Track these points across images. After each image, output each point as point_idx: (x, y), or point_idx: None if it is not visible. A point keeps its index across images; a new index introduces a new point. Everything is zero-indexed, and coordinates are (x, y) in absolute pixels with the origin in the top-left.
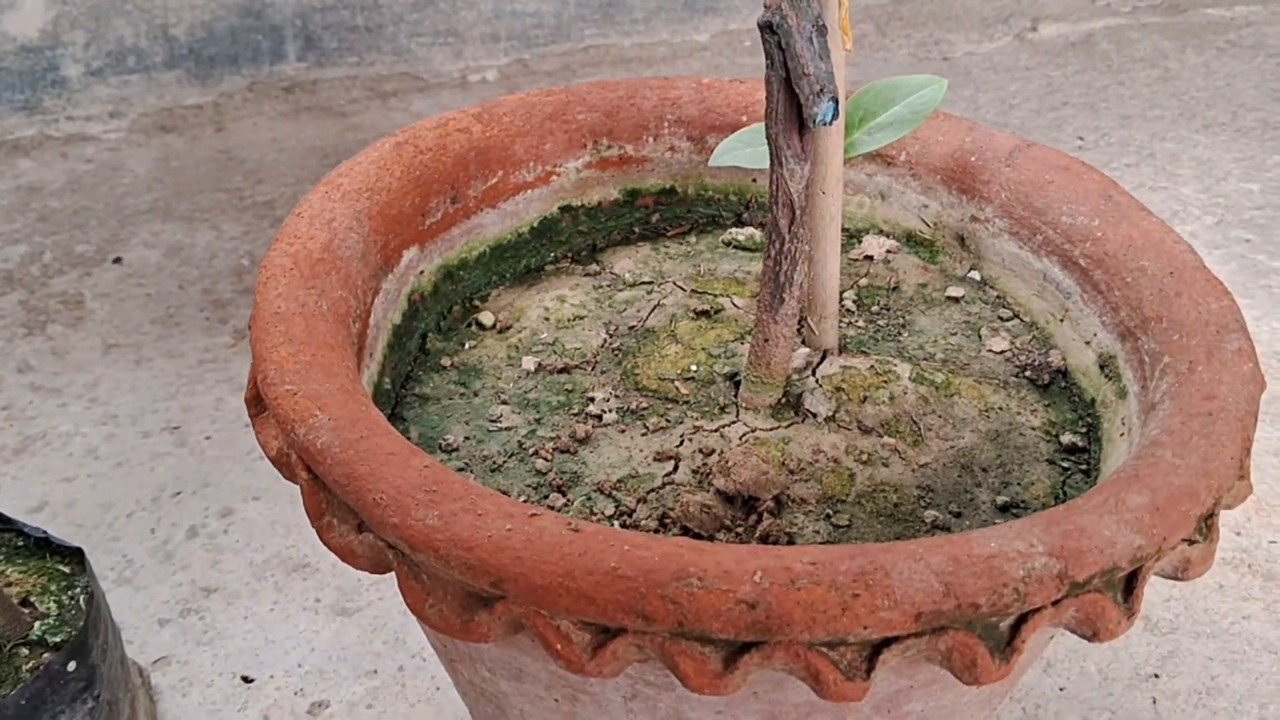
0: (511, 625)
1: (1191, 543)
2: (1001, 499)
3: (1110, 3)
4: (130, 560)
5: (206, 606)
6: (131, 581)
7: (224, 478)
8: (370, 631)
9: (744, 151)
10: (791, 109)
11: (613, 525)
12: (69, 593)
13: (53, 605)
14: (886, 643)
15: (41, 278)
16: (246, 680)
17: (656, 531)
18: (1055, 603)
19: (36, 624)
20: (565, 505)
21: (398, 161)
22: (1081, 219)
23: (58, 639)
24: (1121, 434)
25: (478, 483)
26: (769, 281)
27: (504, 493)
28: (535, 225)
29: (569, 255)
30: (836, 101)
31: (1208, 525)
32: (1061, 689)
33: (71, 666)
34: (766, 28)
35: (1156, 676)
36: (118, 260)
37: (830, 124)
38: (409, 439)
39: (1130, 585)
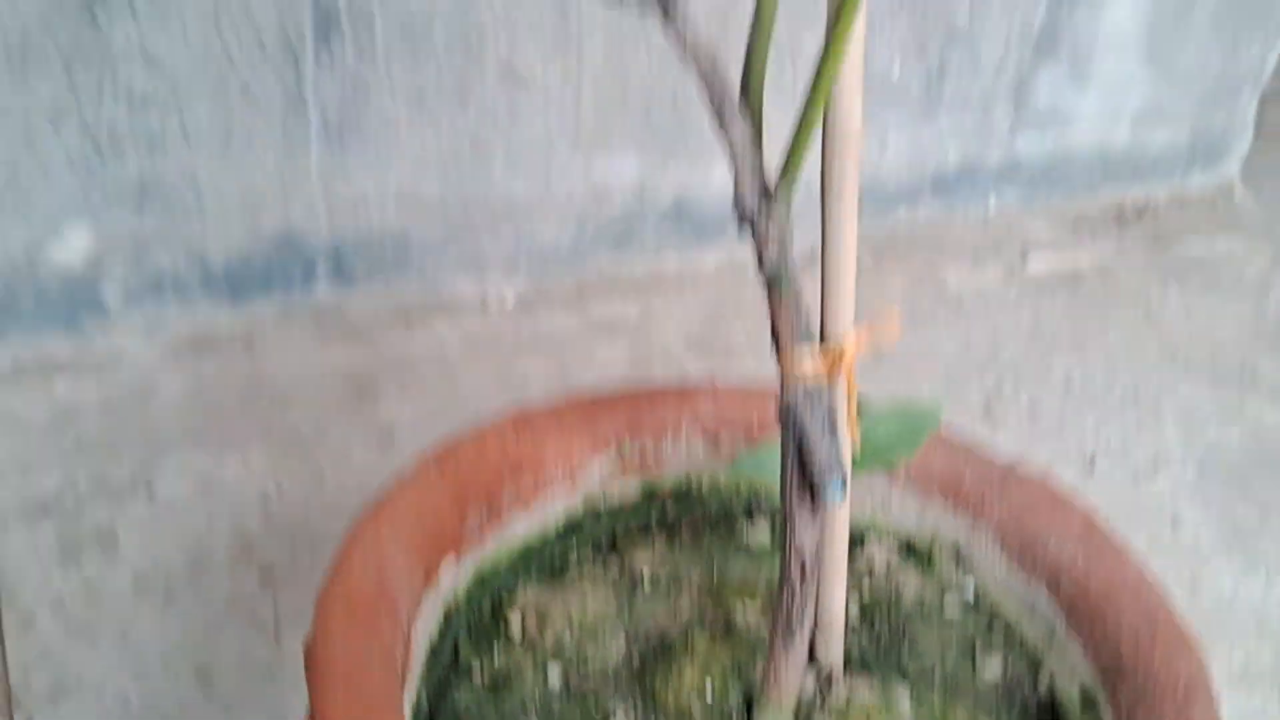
0: None
1: None
2: None
3: (1094, 234)
4: None
5: None
6: None
7: None
8: None
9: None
10: (804, 479)
11: None
12: None
13: None
14: None
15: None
16: None
17: None
18: None
19: None
20: None
21: (440, 481)
22: (1066, 551)
23: None
24: None
25: None
26: (783, 624)
27: None
28: (562, 525)
29: (591, 547)
30: (845, 482)
31: None
32: None
33: None
34: (784, 411)
35: None
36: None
37: (841, 501)
38: None
39: None
